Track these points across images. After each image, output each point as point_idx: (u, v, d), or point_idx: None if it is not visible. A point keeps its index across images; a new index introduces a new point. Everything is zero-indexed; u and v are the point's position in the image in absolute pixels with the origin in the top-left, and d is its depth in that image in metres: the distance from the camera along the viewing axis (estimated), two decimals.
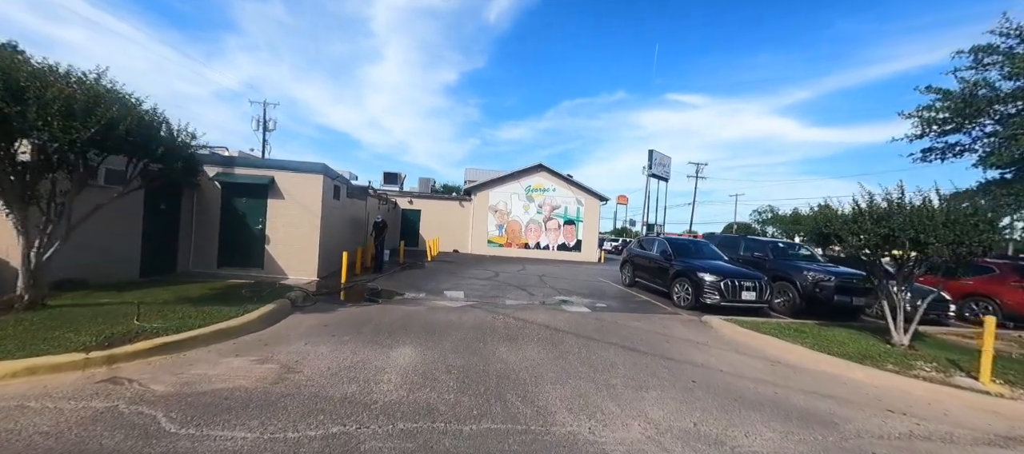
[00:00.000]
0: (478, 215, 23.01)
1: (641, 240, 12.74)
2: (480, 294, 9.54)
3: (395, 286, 9.99)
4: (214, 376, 3.88)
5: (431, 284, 10.49)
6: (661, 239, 11.19)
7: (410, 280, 11.01)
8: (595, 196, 24.14)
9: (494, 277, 12.66)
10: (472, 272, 13.54)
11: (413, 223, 22.84)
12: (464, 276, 12.46)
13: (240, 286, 8.01)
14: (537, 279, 12.87)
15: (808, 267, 9.47)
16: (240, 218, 10.03)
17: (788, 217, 58.65)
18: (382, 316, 6.78)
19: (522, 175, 23.55)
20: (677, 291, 9.50)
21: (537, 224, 23.56)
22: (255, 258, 10.00)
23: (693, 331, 7.23)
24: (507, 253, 22.98)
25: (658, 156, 45.18)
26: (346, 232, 12.69)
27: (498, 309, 7.95)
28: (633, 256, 12.39)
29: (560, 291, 10.78)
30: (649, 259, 11.35)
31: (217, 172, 9.85)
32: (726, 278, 8.73)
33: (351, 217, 13.54)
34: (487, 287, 10.61)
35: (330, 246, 10.84)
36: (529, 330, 6.45)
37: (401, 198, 22.85)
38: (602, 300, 9.89)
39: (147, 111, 5.84)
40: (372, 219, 14.75)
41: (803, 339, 6.64)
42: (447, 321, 6.69)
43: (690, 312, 8.86)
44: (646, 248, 11.98)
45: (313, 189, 10.17)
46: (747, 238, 11.95)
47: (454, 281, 11.23)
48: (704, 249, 10.80)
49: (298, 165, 10.25)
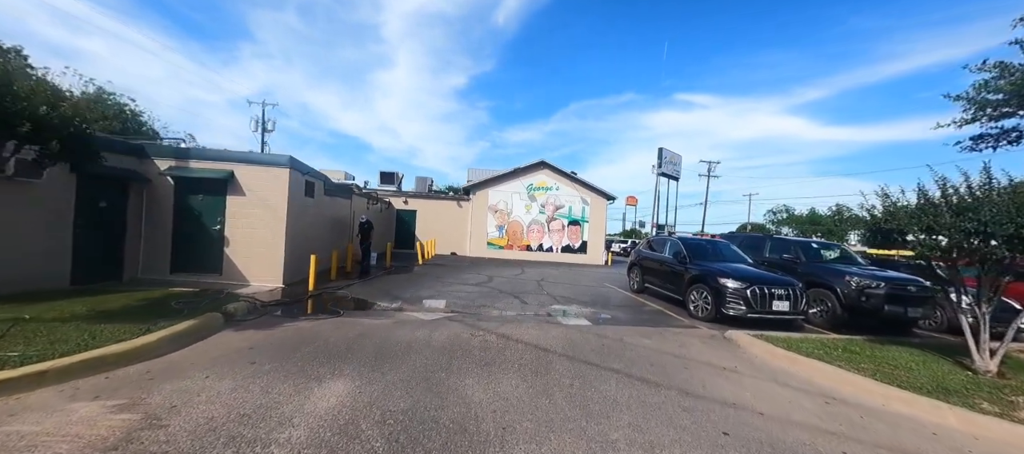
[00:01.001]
0: (477, 216, 21.79)
1: (651, 241, 11.39)
2: (464, 303, 8.28)
3: (369, 294, 8.77)
4: (28, 437, 2.67)
5: (412, 292, 9.26)
6: (674, 239, 9.84)
7: (390, 287, 9.79)
8: (601, 195, 22.76)
9: (486, 282, 11.40)
10: (463, 277, 12.29)
11: (408, 225, 21.68)
12: (453, 281, 11.21)
13: (180, 296, 6.86)
14: (535, 284, 11.57)
15: (850, 271, 8.04)
16: (196, 218, 8.91)
17: (804, 217, 56.76)
18: (333, 334, 5.55)
19: (523, 173, 22.27)
20: (694, 299, 8.14)
21: (540, 225, 22.25)
22: (212, 263, 8.87)
23: (716, 351, 5.87)
24: (507, 256, 21.69)
25: (668, 154, 43.59)
26: (324, 233, 11.54)
27: (480, 323, 6.68)
28: (642, 259, 11.04)
29: (559, 299, 9.47)
30: (660, 262, 9.99)
31: (169, 165, 8.75)
32: (753, 284, 7.34)
33: (331, 217, 12.40)
34: (475, 294, 9.34)
35: (301, 249, 9.68)
36: (512, 352, 5.17)
37: (396, 198, 21.73)
38: (606, 310, 8.56)
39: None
40: (357, 220, 13.61)
41: (857, 363, 5.26)
42: (411, 340, 5.44)
43: (710, 325, 7.49)
44: (657, 250, 10.61)
45: (278, 185, 9.02)
46: (773, 238, 10.51)
47: (439, 288, 9.99)
48: (724, 251, 9.41)
49: (261, 157, 9.13)
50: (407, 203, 21.79)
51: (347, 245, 12.15)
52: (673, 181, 45.19)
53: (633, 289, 11.25)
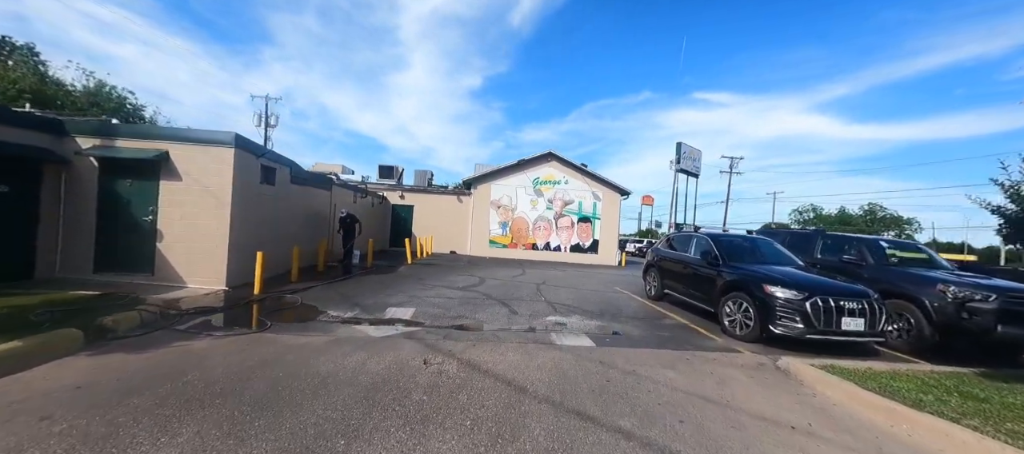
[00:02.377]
0: (478, 211, 20.16)
1: (671, 238, 9.53)
2: (437, 313, 6.64)
3: (325, 300, 7.21)
4: None
5: (379, 297, 7.67)
6: (702, 236, 7.98)
7: (357, 291, 8.22)
8: (614, 189, 20.87)
9: (476, 285, 9.74)
10: (451, 278, 10.65)
11: (405, 221, 20.21)
12: (436, 284, 9.59)
13: (64, 301, 5.40)
14: (532, 289, 9.85)
15: (942, 278, 6.08)
16: (124, 206, 7.50)
17: (833, 217, 53.36)
18: (228, 359, 3.97)
19: (529, 165, 20.54)
20: (729, 312, 6.31)
21: (547, 222, 20.49)
22: (143, 260, 7.45)
23: (772, 393, 4.07)
24: (510, 255, 20.00)
25: (687, 149, 41.23)
26: (291, 227, 10.06)
27: (445, 343, 5.02)
28: (660, 259, 9.20)
29: (558, 307, 7.75)
30: (684, 264, 8.15)
31: (92, 144, 7.36)
32: (814, 295, 5.48)
33: (303, 209, 10.92)
34: (455, 301, 7.69)
35: (256, 245, 8.20)
36: (471, 393, 3.50)
37: (392, 192, 20.28)
38: (616, 322, 6.80)
39: None
40: (337, 214, 12.15)
41: (1000, 423, 3.41)
42: (332, 372, 3.81)
43: (753, 347, 5.67)
44: (679, 248, 8.76)
45: (221, 167, 7.54)
46: (826, 234, 8.53)
47: (416, 292, 8.37)
48: (765, 250, 7.53)
49: (200, 135, 7.66)
50: (403, 197, 20.31)
51: (321, 242, 10.64)
52: (693, 178, 42.80)
53: (650, 295, 9.43)
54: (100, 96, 28.02)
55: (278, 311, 6.26)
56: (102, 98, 27.80)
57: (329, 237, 12.54)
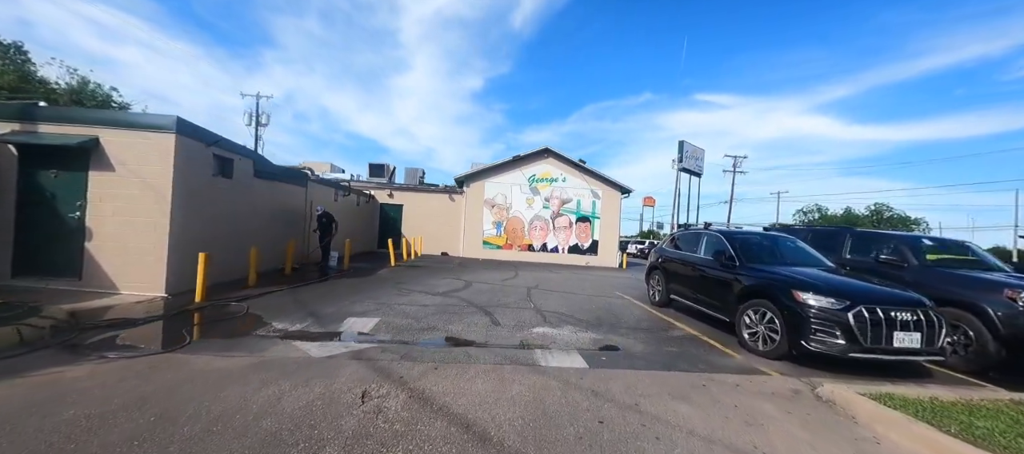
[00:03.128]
0: (471, 211, 19.16)
1: (677, 237, 8.48)
2: (404, 325, 5.63)
3: (275, 309, 6.20)
4: None
5: (342, 305, 6.67)
6: (714, 234, 6.93)
7: (319, 297, 7.23)
8: (615, 187, 19.85)
9: (459, 290, 8.73)
10: (433, 283, 9.64)
11: (394, 220, 19.21)
12: (414, 289, 8.59)
13: None
14: (522, 294, 8.84)
15: (1006, 282, 5.06)
16: (48, 201, 6.52)
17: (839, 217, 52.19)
18: (84, 399, 2.97)
19: (525, 162, 19.54)
20: (750, 323, 5.29)
21: (543, 221, 19.48)
22: (69, 263, 6.46)
23: (822, 440, 3.05)
24: (505, 256, 18.99)
25: (689, 148, 40.25)
26: (254, 226, 9.06)
27: (398, 365, 4.02)
28: (666, 261, 8.17)
29: (548, 316, 6.74)
30: (694, 265, 7.12)
31: (11, 130, 6.39)
32: (859, 303, 4.46)
33: (272, 207, 9.93)
34: (431, 310, 6.68)
35: (206, 245, 7.23)
36: (408, 448, 2.49)
37: (380, 191, 19.29)
38: (615, 334, 5.78)
39: None
40: (314, 212, 11.18)
41: None
42: (223, 415, 2.81)
43: (783, 366, 4.65)
44: (687, 248, 7.73)
45: (160, 156, 6.56)
46: (855, 231, 7.48)
47: (388, 299, 7.37)
48: (788, 249, 6.51)
49: (136, 119, 6.70)
50: (392, 196, 19.32)
51: (289, 243, 9.64)
52: (695, 177, 41.81)
53: (654, 301, 8.41)
54: (83, 94, 27.17)
55: (211, 324, 5.26)
56: (85, 96, 26.94)
57: (304, 237, 11.56)
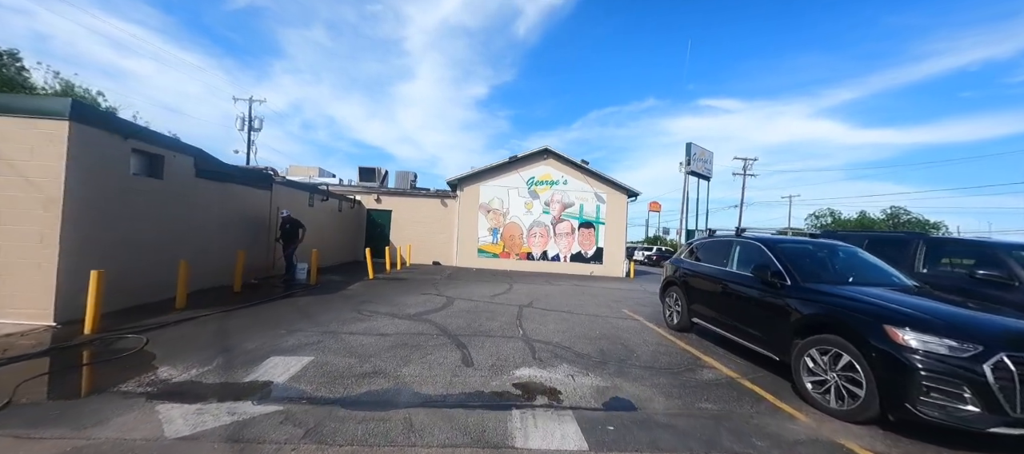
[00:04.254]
0: (465, 216, 17.75)
1: (697, 247, 6.93)
2: (340, 369, 4.18)
3: (185, 342, 4.79)
4: None
5: (272, 336, 5.23)
6: (752, 243, 5.38)
7: (254, 323, 5.81)
8: (620, 190, 18.37)
9: (436, 311, 7.27)
10: (407, 300, 8.19)
11: (382, 227, 17.83)
12: (378, 311, 7.15)
13: None
14: (512, 316, 7.36)
15: None
16: None
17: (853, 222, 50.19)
18: None
19: (523, 164, 18.13)
20: (814, 367, 3.80)
21: (543, 227, 18.01)
22: None
23: None
24: (502, 265, 17.52)
25: (697, 150, 38.72)
26: (196, 236, 7.69)
27: (297, 449, 2.57)
28: (687, 275, 6.65)
29: (540, 348, 5.26)
30: (724, 282, 5.59)
31: None
32: (1000, 347, 2.96)
33: (223, 213, 8.57)
34: (387, 343, 5.22)
35: (121, 260, 5.87)
36: None
37: (367, 195, 17.94)
38: (625, 378, 4.29)
39: None
40: (280, 218, 9.80)
41: None
42: None
43: (872, 437, 3.13)
44: (712, 260, 6.19)
45: (50, 149, 5.21)
46: (929, 238, 5.92)
47: (337, 326, 5.94)
48: (853, 261, 5.00)
49: (19, 103, 5.36)
50: (380, 201, 17.94)
51: (239, 255, 8.23)
52: (704, 181, 40.24)
53: (671, 324, 6.89)
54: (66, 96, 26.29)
55: (68, 371, 3.85)
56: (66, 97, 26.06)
57: (268, 247, 10.17)
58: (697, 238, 7.14)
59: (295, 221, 9.30)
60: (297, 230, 9.27)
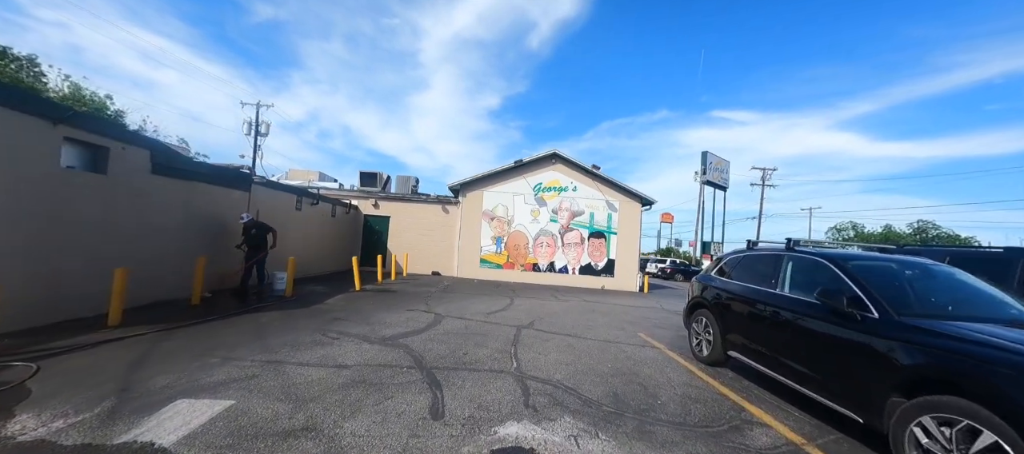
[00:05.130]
0: (468, 224, 16.71)
1: (731, 261, 5.71)
2: (260, 420, 3.09)
3: (93, 372, 3.77)
4: None
5: (199, 366, 4.19)
6: (812, 257, 4.14)
7: (188, 347, 4.79)
8: (634, 197, 17.17)
9: (417, 332, 6.17)
10: (387, 318, 7.10)
11: (379, 234, 16.88)
12: (349, 332, 6.08)
13: None
14: (506, 340, 6.23)
15: None
16: None
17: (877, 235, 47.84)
18: None
19: (529, 169, 17.08)
20: (932, 443, 2.58)
21: (550, 236, 16.87)
22: None
23: None
24: (505, 277, 16.39)
25: (713, 159, 37.31)
26: (146, 239, 6.76)
27: None
28: (721, 296, 5.44)
29: (536, 390, 4.12)
30: (774, 307, 4.36)
31: None
32: None
33: (187, 216, 7.65)
34: (342, 378, 4.13)
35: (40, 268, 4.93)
36: None
37: (364, 200, 17.04)
38: (647, 441, 3.11)
39: None
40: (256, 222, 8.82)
41: None
42: None
43: None
44: (752, 277, 4.98)
45: None
46: None
47: (288, 352, 4.88)
48: (948, 281, 3.78)
49: None
50: (377, 207, 17.02)
51: (198, 263, 7.26)
52: (720, 191, 38.73)
53: (700, 356, 5.67)
54: (75, 100, 26.26)
55: None
56: (75, 102, 26.01)
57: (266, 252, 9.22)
58: (733, 251, 5.91)
59: (263, 225, 8.30)
60: (265, 236, 8.26)
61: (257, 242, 8.08)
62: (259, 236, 8.10)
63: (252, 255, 8.09)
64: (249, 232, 8.06)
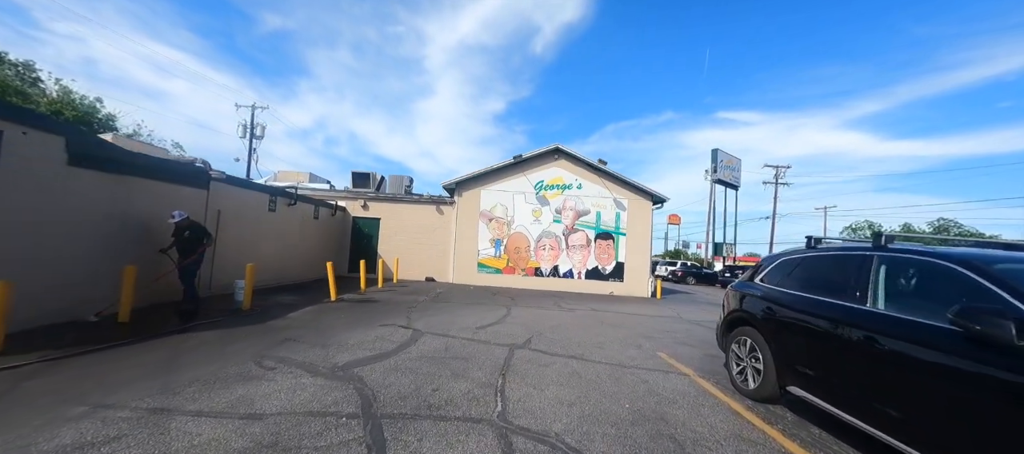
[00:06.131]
0: (464, 226, 15.49)
1: (781, 264, 4.42)
2: None
3: None
4: None
5: (61, 417, 3.00)
6: (928, 260, 2.91)
7: (59, 386, 3.59)
8: (644, 195, 15.86)
9: (387, 355, 4.93)
10: (353, 336, 5.86)
11: (368, 237, 15.69)
12: (302, 353, 4.87)
13: None
14: (496, 366, 4.97)
15: None
16: None
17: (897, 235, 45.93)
18: None
19: (530, 165, 15.84)
20: None
21: (554, 239, 15.59)
22: None
23: None
24: (505, 282, 15.12)
25: (724, 157, 35.87)
26: (62, 245, 5.59)
27: None
28: (775, 312, 4.12)
29: (520, 446, 2.86)
30: (857, 327, 3.08)
31: None
32: None
33: (121, 218, 6.50)
34: (253, 436, 2.90)
35: None
36: None
37: (352, 201, 15.88)
38: None
39: None
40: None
41: None
42: None
43: None
44: (825, 288, 3.67)
45: None
46: None
47: (197, 391, 3.66)
48: None
49: None
50: (367, 208, 15.84)
51: (127, 274, 6.06)
52: (731, 189, 37.25)
53: (743, 387, 4.35)
54: (64, 104, 25.54)
55: None
56: (65, 106, 25.29)
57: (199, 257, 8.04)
58: (786, 251, 4.60)
59: (199, 226, 6.96)
60: (201, 239, 6.87)
61: (191, 246, 6.73)
62: (193, 239, 6.74)
63: (185, 260, 6.70)
64: (181, 234, 6.71)
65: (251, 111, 33.74)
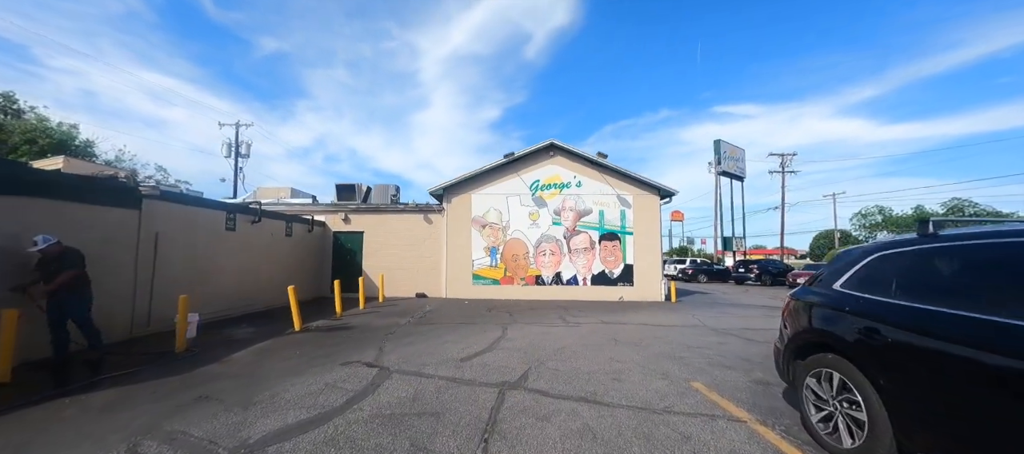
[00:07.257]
0: (456, 234, 14.16)
1: (880, 260, 3.12)
2: None
3: None
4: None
5: None
6: None
7: None
8: (650, 189, 14.51)
9: (331, 416, 3.60)
10: (294, 387, 4.52)
11: (351, 253, 14.36)
12: (204, 426, 3.52)
13: None
14: (479, 421, 3.62)
15: None
16: None
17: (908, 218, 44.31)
18: None
19: (523, 164, 14.54)
20: None
21: (554, 242, 14.24)
22: None
23: None
24: (503, 294, 13.75)
25: (727, 148, 34.52)
26: None
27: None
28: (883, 336, 2.81)
29: None
30: None
31: None
32: None
33: (14, 247, 5.18)
34: None
35: None
36: None
37: (334, 215, 14.59)
38: None
39: None
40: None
41: None
42: None
43: None
44: (960, 299, 2.38)
45: None
46: None
47: None
48: None
49: None
50: (348, 221, 14.53)
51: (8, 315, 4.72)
52: (737, 181, 35.85)
53: (836, 446, 3.00)
54: (37, 132, 24.47)
55: None
56: (39, 134, 24.22)
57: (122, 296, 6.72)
58: (882, 243, 3.23)
59: (74, 253, 5.22)
60: (76, 267, 5.16)
61: (58, 280, 4.96)
62: (61, 269, 5.01)
63: (54, 298, 4.96)
64: (47, 267, 5.00)
65: (235, 129, 32.72)
